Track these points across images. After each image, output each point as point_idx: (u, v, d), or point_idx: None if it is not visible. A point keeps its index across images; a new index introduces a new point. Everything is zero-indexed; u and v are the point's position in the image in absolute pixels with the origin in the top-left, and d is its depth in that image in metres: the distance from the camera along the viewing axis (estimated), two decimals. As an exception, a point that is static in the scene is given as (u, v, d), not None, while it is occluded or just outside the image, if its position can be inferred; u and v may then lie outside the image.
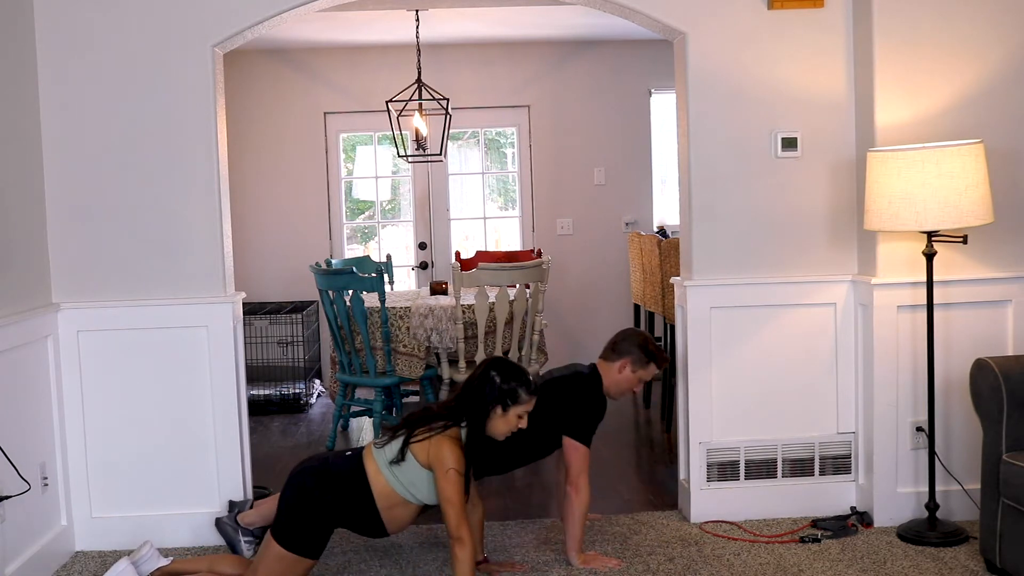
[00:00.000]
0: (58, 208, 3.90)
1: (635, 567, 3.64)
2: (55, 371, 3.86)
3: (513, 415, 3.33)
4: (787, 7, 3.98)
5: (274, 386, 6.79)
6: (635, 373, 3.81)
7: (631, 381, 3.82)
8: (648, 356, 3.81)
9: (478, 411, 3.30)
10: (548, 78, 7.59)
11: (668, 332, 5.56)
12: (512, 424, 3.35)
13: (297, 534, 3.25)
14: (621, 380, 3.81)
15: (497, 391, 3.30)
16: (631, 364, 3.80)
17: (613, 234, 7.62)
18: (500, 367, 3.36)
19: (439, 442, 3.24)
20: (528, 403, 3.36)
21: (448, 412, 3.32)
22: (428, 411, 3.36)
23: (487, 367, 3.37)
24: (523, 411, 3.35)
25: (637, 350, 3.80)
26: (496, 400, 3.30)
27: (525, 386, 3.34)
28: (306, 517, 3.27)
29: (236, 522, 3.83)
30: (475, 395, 3.32)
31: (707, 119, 4.04)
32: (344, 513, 3.32)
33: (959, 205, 3.55)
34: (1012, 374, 3.40)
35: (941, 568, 3.55)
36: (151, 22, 3.88)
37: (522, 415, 3.35)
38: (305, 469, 3.38)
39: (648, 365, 3.82)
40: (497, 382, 3.31)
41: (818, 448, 4.14)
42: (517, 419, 3.35)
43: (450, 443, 3.24)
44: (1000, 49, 3.91)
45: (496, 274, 5.35)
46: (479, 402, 3.30)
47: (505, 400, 3.31)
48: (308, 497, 3.29)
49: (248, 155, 7.34)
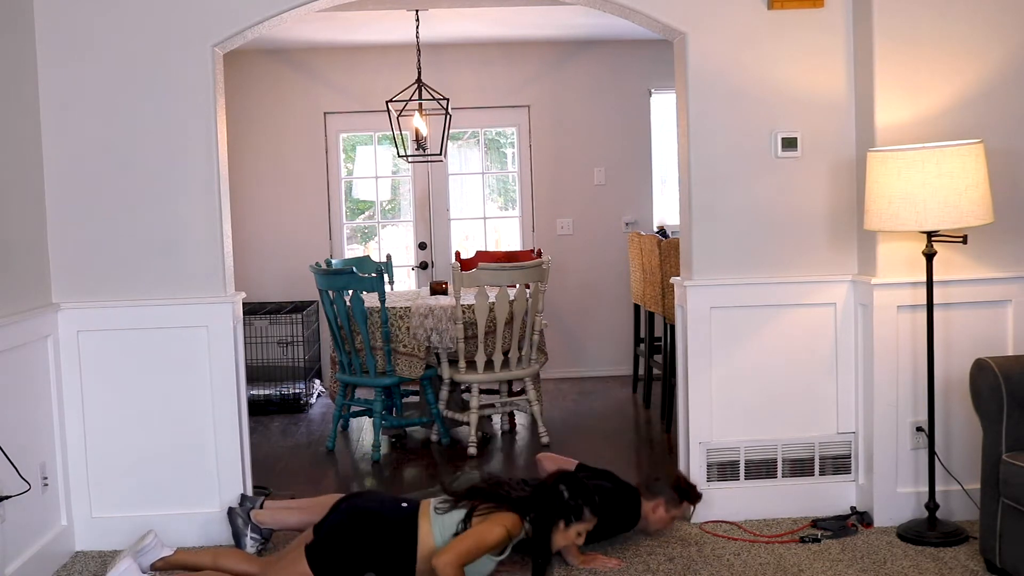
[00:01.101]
0: (58, 208, 3.90)
1: (635, 567, 3.64)
2: (55, 371, 3.86)
3: (573, 531, 3.40)
4: (787, 7, 3.98)
5: (274, 386, 6.79)
6: (668, 513, 3.90)
7: (664, 520, 3.91)
8: (682, 496, 3.89)
9: (544, 520, 3.35)
10: (548, 78, 7.59)
11: (668, 332, 5.56)
12: (570, 539, 3.43)
13: (331, 565, 3.28)
14: (654, 519, 3.90)
15: (564, 506, 3.37)
16: (664, 504, 3.88)
17: (613, 234, 7.62)
18: (570, 483, 3.42)
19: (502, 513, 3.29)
20: (590, 523, 3.43)
21: (518, 503, 3.35)
22: (497, 489, 3.39)
23: (557, 480, 3.43)
24: (583, 529, 3.42)
25: (670, 491, 3.88)
26: (561, 514, 3.37)
27: (591, 507, 3.41)
28: (344, 552, 3.30)
29: (248, 517, 3.84)
30: (543, 503, 3.36)
31: (707, 119, 4.04)
32: (381, 561, 3.34)
33: (959, 205, 3.55)
34: (1012, 374, 3.40)
35: (941, 568, 3.55)
36: (151, 22, 3.88)
37: (582, 533, 3.42)
38: (360, 508, 3.41)
39: (681, 504, 3.90)
40: (566, 497, 3.38)
41: (818, 448, 4.14)
42: (576, 536, 3.42)
43: (512, 518, 3.29)
44: (1000, 49, 3.91)
45: (496, 274, 5.35)
46: (546, 512, 3.35)
47: (570, 516, 3.38)
48: (354, 535, 3.32)
49: (248, 155, 7.35)
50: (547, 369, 7.23)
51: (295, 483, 4.90)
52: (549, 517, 3.35)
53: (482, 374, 5.42)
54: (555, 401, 6.76)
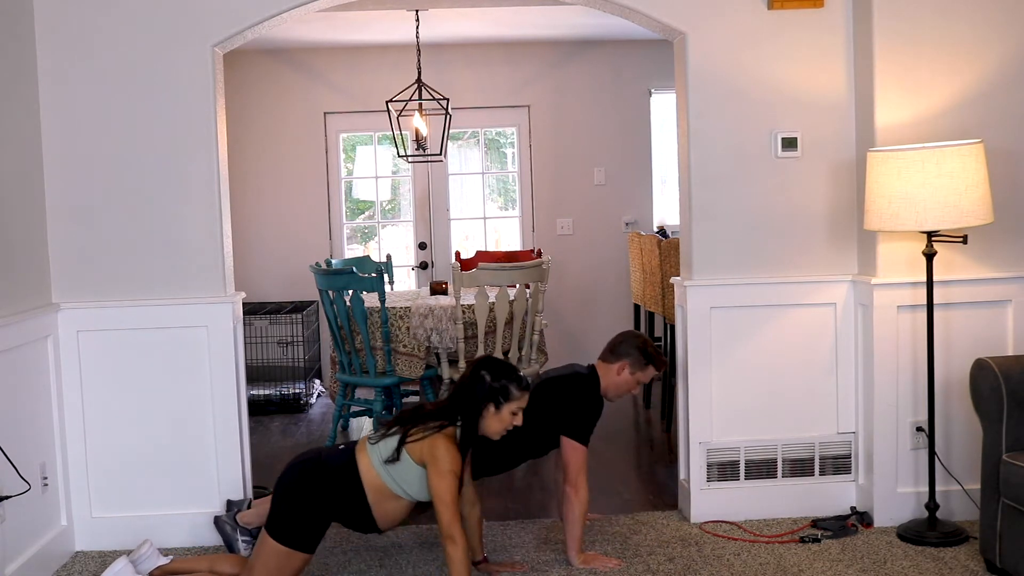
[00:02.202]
0: (58, 208, 3.90)
1: (635, 567, 3.64)
2: (55, 371, 3.86)
3: (507, 412, 3.33)
4: (787, 7, 3.98)
5: (274, 386, 6.79)
6: (633, 375, 3.82)
7: (629, 383, 3.83)
8: (647, 358, 3.82)
9: (471, 410, 3.31)
10: (548, 78, 7.59)
11: (668, 332, 5.56)
12: (506, 422, 3.35)
13: (290, 528, 3.25)
14: (620, 382, 3.82)
15: (488, 389, 3.31)
16: (629, 366, 3.80)
17: (613, 234, 7.62)
18: (489, 365, 3.36)
19: (434, 441, 3.25)
20: (521, 399, 3.35)
21: (442, 411, 3.33)
22: (421, 409, 3.36)
23: (476, 366, 3.38)
24: (516, 408, 3.35)
25: (636, 352, 3.81)
26: (488, 398, 3.31)
27: (516, 382, 3.34)
28: (299, 510, 3.27)
29: (235, 521, 3.83)
30: (467, 394, 3.32)
31: (707, 119, 4.04)
32: (336, 507, 3.32)
33: (959, 205, 3.55)
34: (1012, 374, 3.40)
35: (941, 568, 3.55)
36: (151, 22, 3.88)
37: (516, 412, 3.35)
38: (298, 463, 3.39)
39: (647, 367, 3.83)
40: (487, 380, 3.31)
41: (818, 448, 4.14)
42: (511, 416, 3.35)
43: (445, 442, 3.25)
44: (1000, 49, 3.91)
45: (496, 274, 5.35)
46: (471, 401, 3.31)
47: (497, 397, 3.31)
48: (300, 490, 3.29)
49: (248, 155, 7.35)
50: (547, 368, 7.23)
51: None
52: (476, 405, 3.30)
53: (482, 374, 5.41)
54: (555, 401, 6.75)
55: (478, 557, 3.61)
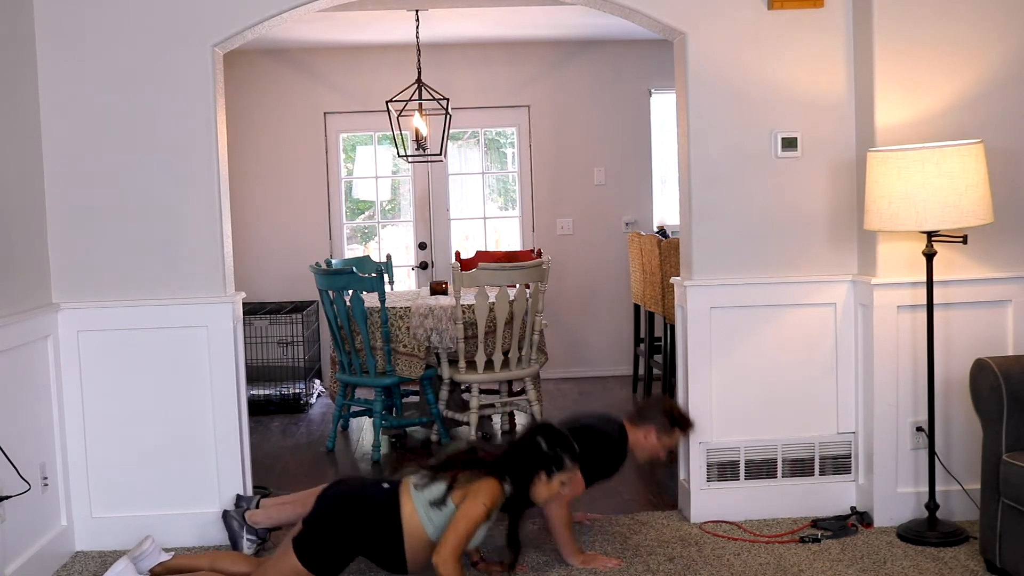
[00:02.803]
0: (58, 208, 3.90)
1: (635, 567, 3.64)
2: (55, 371, 3.86)
3: (556, 482, 3.37)
4: (787, 7, 3.98)
5: (274, 386, 6.79)
6: (660, 440, 3.86)
7: (655, 448, 3.87)
8: (673, 423, 3.86)
9: (523, 474, 3.33)
10: (548, 78, 7.59)
11: (668, 332, 5.56)
12: (554, 491, 3.40)
13: (318, 553, 3.26)
14: (646, 446, 3.87)
15: (543, 457, 3.35)
16: (656, 431, 3.85)
17: (613, 234, 7.62)
18: (546, 433, 3.40)
19: (481, 481, 3.27)
20: (572, 471, 3.40)
21: (493, 465, 3.33)
22: (472, 456, 3.37)
23: (533, 432, 3.41)
24: (567, 479, 3.39)
25: (662, 417, 3.85)
26: (541, 465, 3.35)
27: (570, 454, 3.38)
28: (331, 540, 3.28)
29: (243, 519, 3.83)
30: (521, 458, 3.35)
31: (707, 119, 4.04)
32: (370, 544, 3.33)
33: (959, 205, 3.55)
34: (1012, 374, 3.40)
35: (941, 568, 3.55)
36: (151, 22, 3.88)
37: (565, 482, 3.40)
38: (342, 493, 3.40)
39: (673, 432, 3.87)
40: (543, 448, 3.35)
41: (818, 448, 4.14)
42: (560, 486, 3.39)
43: (492, 484, 3.27)
44: (1000, 49, 3.91)
45: (496, 274, 5.35)
46: (525, 465, 3.34)
47: (550, 467, 3.35)
48: (338, 521, 3.31)
49: (248, 155, 7.35)
50: (547, 369, 7.23)
51: (295, 483, 4.90)
52: (528, 471, 3.32)
53: (482, 374, 5.42)
54: (555, 401, 6.76)
55: (475, 557, 3.61)
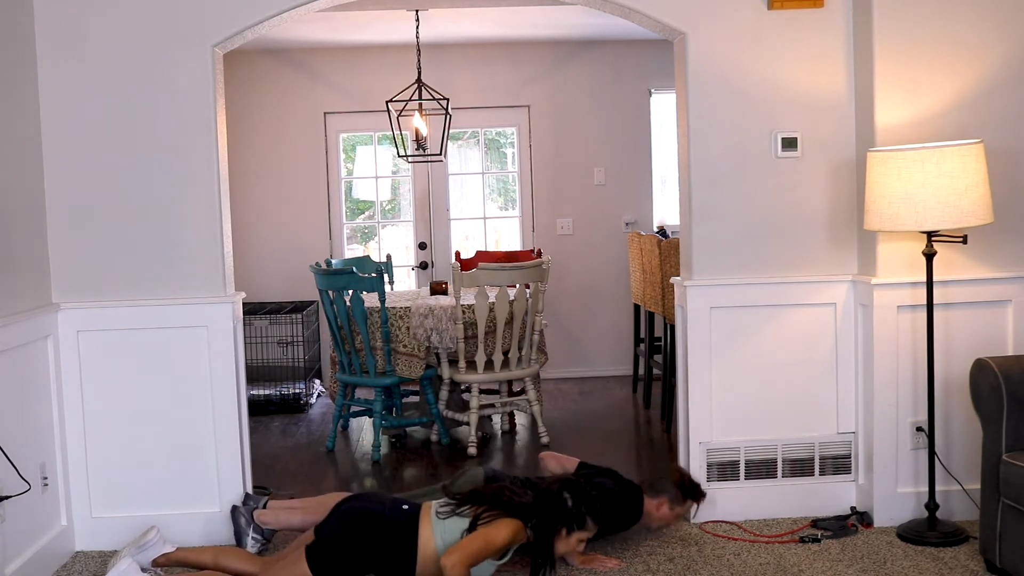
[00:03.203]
0: (58, 208, 3.90)
1: (635, 567, 3.64)
2: (55, 371, 3.86)
3: (575, 539, 3.41)
4: (787, 7, 3.98)
5: (274, 386, 6.79)
6: (672, 511, 3.88)
7: (668, 518, 3.90)
8: (686, 494, 3.88)
9: (546, 527, 3.34)
10: (548, 78, 7.59)
11: (668, 332, 5.56)
12: (571, 547, 3.44)
13: (330, 566, 3.27)
14: (658, 516, 3.89)
15: (567, 514, 3.38)
16: (669, 503, 3.87)
17: (613, 234, 7.62)
18: (573, 491, 3.43)
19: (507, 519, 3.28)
20: (592, 531, 3.44)
21: (518, 509, 3.33)
22: (501, 495, 3.37)
23: (561, 487, 3.43)
24: (586, 537, 3.44)
25: (674, 489, 3.87)
26: (563, 522, 3.38)
27: (593, 515, 3.43)
28: (344, 554, 3.30)
29: (251, 517, 3.84)
30: (546, 510, 3.35)
31: (707, 119, 4.04)
32: (383, 564, 3.34)
33: (959, 205, 3.55)
34: (1012, 374, 3.40)
35: (941, 568, 3.55)
36: (151, 22, 3.88)
37: (583, 540, 3.43)
38: (361, 510, 3.41)
39: (685, 503, 3.89)
40: (569, 505, 3.39)
41: (818, 448, 4.14)
42: (577, 543, 3.43)
43: (516, 525, 3.28)
44: (1000, 49, 3.91)
45: (496, 274, 5.35)
46: (548, 518, 3.35)
47: (572, 524, 3.39)
48: (354, 537, 3.32)
49: (248, 155, 7.35)
50: (547, 369, 7.24)
51: (295, 483, 4.90)
52: (552, 524, 3.35)
53: (482, 374, 5.42)
54: (555, 401, 6.76)
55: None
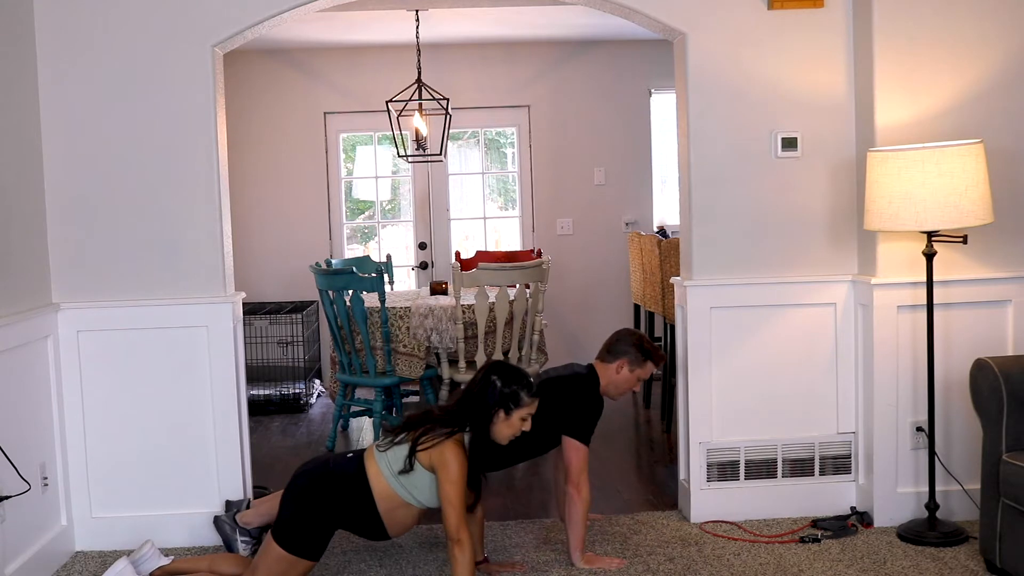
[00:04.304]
0: (58, 208, 3.90)
1: (635, 567, 3.64)
2: (55, 371, 3.86)
3: (516, 418, 3.33)
4: (787, 7, 3.98)
5: (274, 386, 6.79)
6: (633, 372, 3.81)
7: (630, 381, 3.83)
8: (644, 355, 3.81)
9: (481, 416, 3.30)
10: (548, 78, 7.59)
11: (668, 332, 5.56)
12: (515, 428, 3.35)
13: (297, 535, 3.25)
14: (619, 380, 3.82)
15: (499, 395, 3.30)
16: (628, 364, 3.80)
17: (613, 234, 7.62)
18: (500, 371, 3.35)
19: (443, 447, 3.23)
20: (531, 405, 3.35)
21: (450, 417, 3.31)
22: (429, 415, 3.34)
23: (487, 371, 3.36)
24: (526, 414, 3.34)
25: (633, 350, 3.80)
26: (498, 404, 3.30)
27: (526, 389, 3.33)
28: (306, 518, 3.27)
29: (234, 521, 3.83)
30: (477, 400, 3.31)
31: (707, 119, 4.04)
32: (344, 515, 3.32)
33: (959, 205, 3.55)
34: (1012, 374, 3.40)
35: (941, 568, 3.55)
36: (151, 22, 3.88)
37: (525, 418, 3.35)
38: (306, 471, 3.39)
39: (645, 363, 3.82)
40: (498, 386, 3.30)
41: (818, 448, 4.14)
42: (520, 422, 3.34)
43: (454, 448, 3.24)
44: (1000, 49, 3.91)
45: (496, 274, 5.35)
46: (481, 407, 3.30)
47: (507, 404, 3.30)
48: (308, 498, 3.29)
49: (248, 155, 7.35)
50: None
51: (295, 483, 4.90)
52: (486, 411, 3.29)
53: (482, 374, 5.41)
54: (555, 401, 6.75)
55: (479, 557, 3.61)
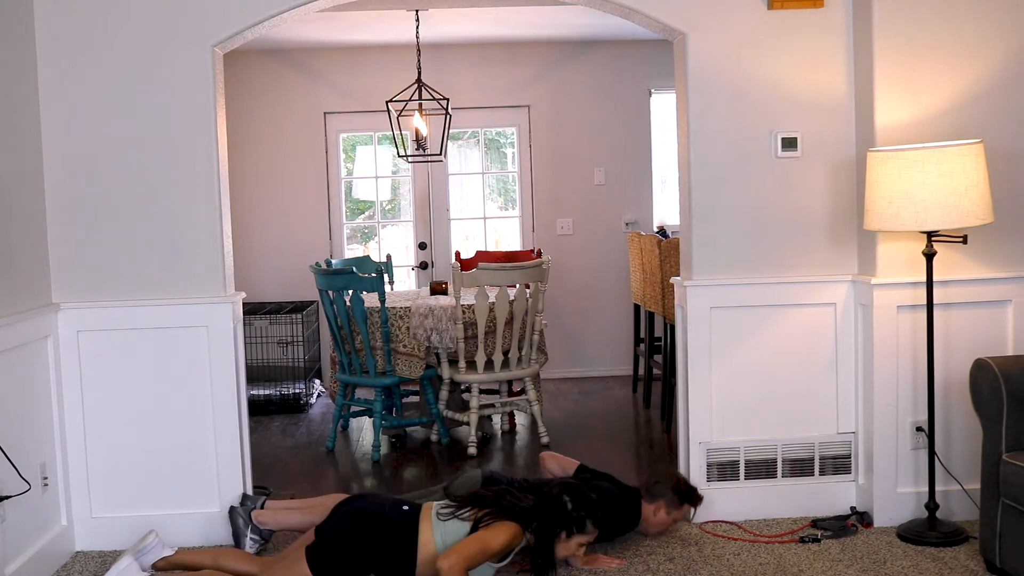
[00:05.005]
0: (58, 208, 3.90)
1: (635, 567, 3.64)
2: (55, 371, 3.86)
3: (575, 543, 3.42)
4: (787, 7, 3.98)
5: (274, 386, 6.79)
6: (670, 515, 3.89)
7: (666, 523, 3.91)
8: (682, 499, 3.88)
9: (546, 531, 3.35)
10: (548, 78, 7.59)
11: (668, 332, 5.56)
12: (571, 551, 3.45)
13: (331, 567, 3.28)
14: (656, 521, 3.90)
15: (566, 517, 3.39)
16: (666, 507, 3.88)
17: (613, 234, 7.62)
18: (574, 494, 3.44)
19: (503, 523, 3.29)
20: (591, 535, 3.44)
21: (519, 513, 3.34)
22: (502, 498, 3.38)
23: (561, 491, 3.44)
24: (585, 541, 3.44)
25: (671, 494, 3.87)
26: (563, 525, 3.39)
27: (593, 519, 3.43)
28: (346, 555, 3.30)
29: (249, 517, 3.84)
30: (546, 514, 3.36)
31: (707, 119, 4.04)
32: (383, 564, 3.35)
33: (959, 205, 3.55)
34: (1012, 374, 3.40)
35: (941, 568, 3.55)
36: (151, 22, 3.88)
37: (583, 544, 3.44)
38: (361, 510, 3.42)
39: (682, 507, 3.90)
40: (568, 509, 3.40)
41: (818, 448, 4.14)
42: (577, 547, 3.44)
43: (514, 529, 3.29)
44: (1000, 49, 3.91)
45: (496, 274, 5.35)
46: (548, 522, 3.36)
47: (572, 528, 3.40)
48: (354, 538, 3.33)
49: (248, 155, 7.35)
50: (547, 369, 7.24)
51: (295, 483, 4.90)
52: (552, 528, 3.36)
53: (482, 374, 5.42)
54: (555, 401, 6.76)
55: None
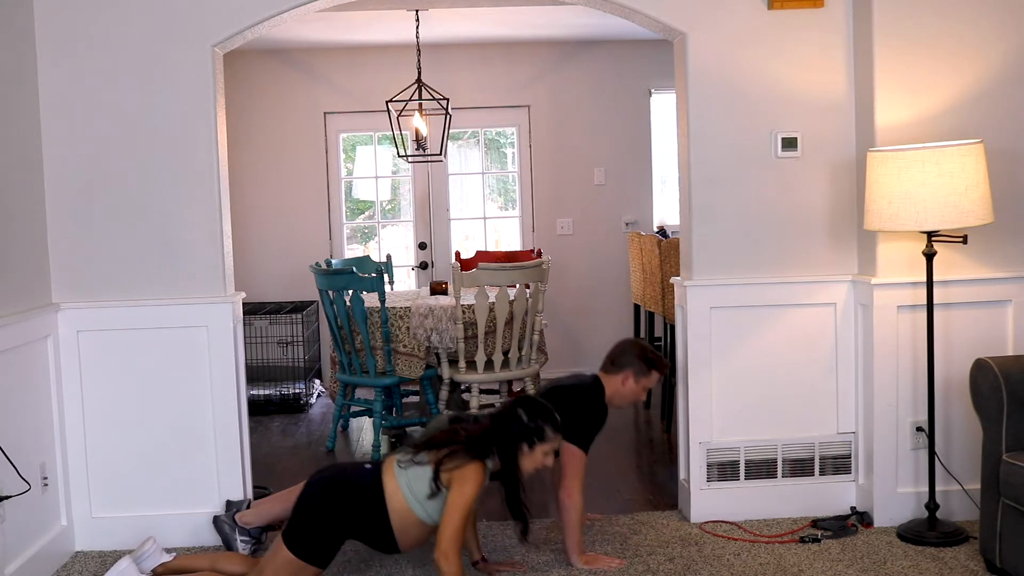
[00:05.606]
0: (58, 208, 3.90)
1: (635, 567, 3.64)
2: (55, 371, 3.86)
3: (539, 452, 3.37)
4: (787, 7, 3.98)
5: (274, 386, 6.79)
6: (638, 383, 3.84)
7: (635, 391, 3.86)
8: (649, 364, 3.84)
9: (507, 449, 3.33)
10: (548, 78, 7.59)
11: (668, 332, 5.56)
12: (538, 462, 3.40)
13: (307, 541, 3.26)
14: (625, 391, 3.85)
15: (524, 429, 3.34)
16: (633, 375, 3.83)
17: (613, 234, 7.62)
18: (527, 405, 3.40)
19: (466, 467, 3.26)
20: (554, 441, 3.40)
21: (475, 444, 3.32)
22: (454, 436, 3.35)
23: (514, 404, 3.40)
24: (549, 449, 3.39)
25: (637, 361, 3.83)
26: (522, 437, 3.34)
27: (551, 424, 3.38)
28: (318, 526, 3.28)
29: (234, 521, 3.83)
30: (503, 432, 3.34)
31: (707, 119, 4.04)
32: (357, 526, 3.33)
33: (959, 205, 3.55)
34: (1012, 374, 3.40)
35: (941, 568, 3.55)
36: (151, 22, 3.88)
37: (548, 452, 3.39)
38: (323, 479, 3.39)
39: (650, 373, 3.85)
40: (524, 420, 3.35)
41: (818, 448, 4.14)
42: (543, 456, 3.39)
43: (477, 470, 3.26)
44: (1000, 49, 3.91)
45: (496, 274, 5.35)
46: (507, 440, 3.33)
47: (531, 438, 3.35)
48: (322, 506, 3.30)
49: (248, 155, 7.35)
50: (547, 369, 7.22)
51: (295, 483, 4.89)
52: (512, 444, 3.32)
53: (482, 374, 5.42)
54: (555, 401, 6.75)
55: (476, 557, 3.61)
